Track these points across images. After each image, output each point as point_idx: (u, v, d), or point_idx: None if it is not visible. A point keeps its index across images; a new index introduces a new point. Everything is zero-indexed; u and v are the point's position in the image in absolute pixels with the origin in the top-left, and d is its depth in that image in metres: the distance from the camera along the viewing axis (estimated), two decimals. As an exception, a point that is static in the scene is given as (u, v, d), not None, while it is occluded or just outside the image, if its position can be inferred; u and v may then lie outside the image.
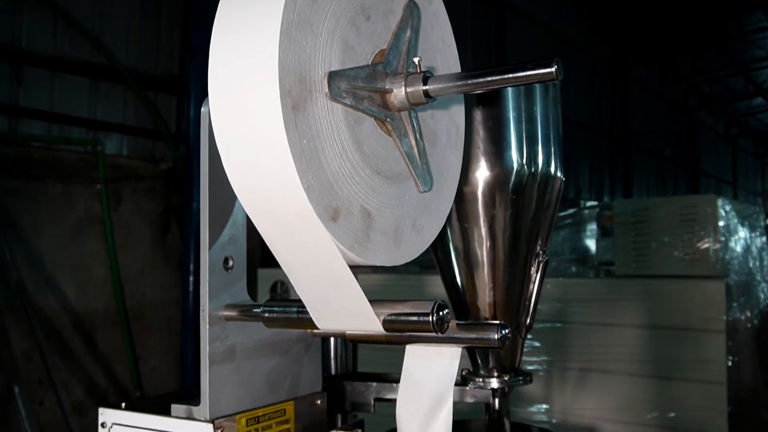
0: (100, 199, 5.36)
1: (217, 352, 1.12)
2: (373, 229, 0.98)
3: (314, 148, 0.88)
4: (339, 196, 0.92)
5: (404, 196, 1.02)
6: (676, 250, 3.02)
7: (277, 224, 0.92)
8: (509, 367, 1.40)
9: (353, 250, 0.94)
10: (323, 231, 0.88)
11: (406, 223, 1.04)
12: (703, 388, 2.85)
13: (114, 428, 1.20)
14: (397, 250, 1.03)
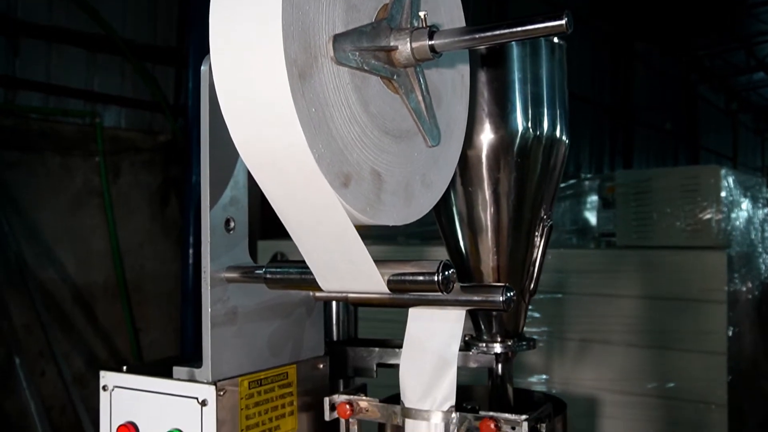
0: (98, 172, 5.33)
1: (219, 315, 1.10)
2: (383, 191, 0.97)
3: (322, 115, 0.87)
4: (349, 161, 0.91)
5: (413, 153, 1.01)
6: (678, 221, 3.01)
7: (286, 190, 0.91)
8: (512, 333, 1.39)
9: (365, 213, 0.93)
10: (333, 198, 0.87)
11: (416, 179, 1.03)
12: (703, 358, 2.85)
13: (115, 391, 1.19)
14: (408, 208, 1.01)
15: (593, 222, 3.88)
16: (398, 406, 1.20)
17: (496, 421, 1.12)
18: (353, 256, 0.95)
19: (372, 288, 0.97)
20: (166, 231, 5.81)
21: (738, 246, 3.03)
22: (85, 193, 5.35)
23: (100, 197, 5.36)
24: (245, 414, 1.14)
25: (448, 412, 1.15)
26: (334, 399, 1.24)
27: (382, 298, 1.22)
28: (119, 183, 5.57)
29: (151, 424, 1.15)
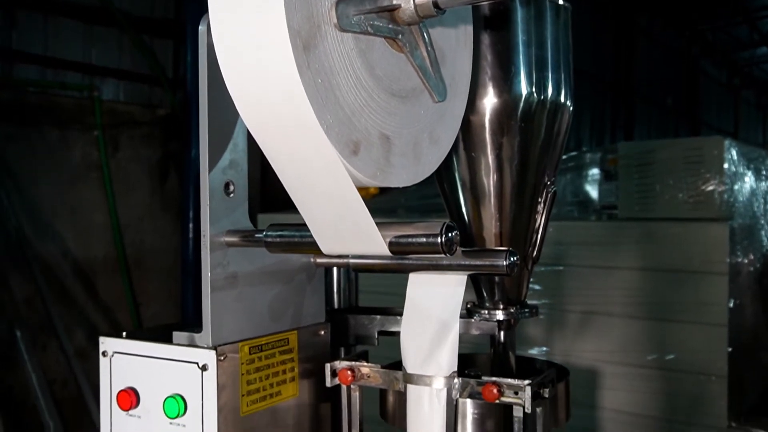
0: (97, 146, 5.30)
1: (219, 279, 1.09)
2: (393, 153, 0.95)
3: (329, 84, 0.85)
4: (357, 127, 0.90)
5: (420, 111, 0.99)
6: (681, 193, 2.99)
7: (291, 158, 0.90)
8: (515, 300, 1.38)
9: (376, 178, 0.93)
10: (340, 165, 0.86)
11: (424, 137, 1.01)
12: (704, 330, 2.85)
13: (115, 357, 1.18)
14: (417, 166, 1.00)
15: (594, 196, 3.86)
16: (400, 372, 1.19)
17: (498, 386, 1.11)
18: (355, 218, 0.94)
19: (373, 250, 0.96)
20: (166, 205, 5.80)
21: (740, 218, 3.01)
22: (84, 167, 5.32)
23: (99, 171, 5.34)
24: (246, 379, 1.13)
25: (450, 377, 1.14)
26: (335, 365, 1.24)
27: (383, 264, 1.21)
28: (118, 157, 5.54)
29: (152, 389, 1.14)
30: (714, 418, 2.85)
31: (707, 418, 2.86)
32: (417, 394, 1.16)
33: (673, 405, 2.94)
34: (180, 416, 1.10)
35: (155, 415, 1.13)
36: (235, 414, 1.11)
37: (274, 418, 1.21)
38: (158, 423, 1.13)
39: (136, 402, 1.15)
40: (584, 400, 3.09)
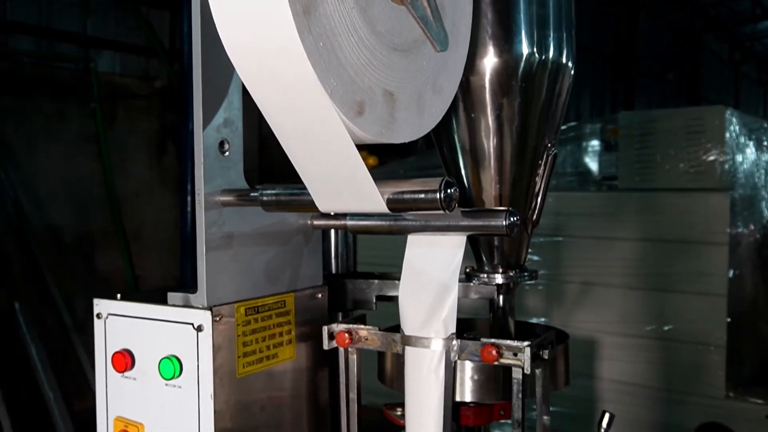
0: (94, 118, 5.26)
1: (214, 239, 1.08)
2: (397, 109, 0.94)
3: (330, 47, 0.83)
4: (361, 87, 0.88)
5: (422, 63, 0.97)
6: (682, 163, 2.97)
7: (292, 119, 0.88)
8: (514, 264, 1.36)
9: (381, 136, 0.92)
10: (341, 125, 0.84)
11: (427, 88, 0.99)
12: (703, 300, 2.84)
13: (110, 319, 1.17)
14: (422, 119, 0.99)
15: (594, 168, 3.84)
16: (398, 335, 1.18)
17: (497, 347, 1.10)
18: (353, 175, 0.92)
19: (371, 207, 0.94)
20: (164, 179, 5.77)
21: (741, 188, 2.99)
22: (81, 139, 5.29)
23: (96, 144, 5.31)
24: (242, 341, 1.12)
25: (449, 339, 1.13)
26: (332, 328, 1.22)
27: (380, 226, 1.19)
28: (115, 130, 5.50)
29: (147, 351, 1.13)
30: (712, 388, 2.85)
31: (705, 388, 2.86)
32: (415, 357, 1.14)
33: (672, 375, 2.94)
34: (175, 377, 1.09)
35: (150, 377, 1.12)
36: (231, 375, 1.10)
37: (271, 380, 1.20)
38: (154, 384, 1.12)
39: (131, 364, 1.14)
40: (583, 371, 3.10)
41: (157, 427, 1.13)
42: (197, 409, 1.08)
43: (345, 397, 1.25)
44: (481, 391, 1.19)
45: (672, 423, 2.92)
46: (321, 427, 1.34)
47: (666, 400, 2.93)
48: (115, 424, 1.17)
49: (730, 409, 2.80)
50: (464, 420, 1.29)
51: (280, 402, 1.23)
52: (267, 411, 1.19)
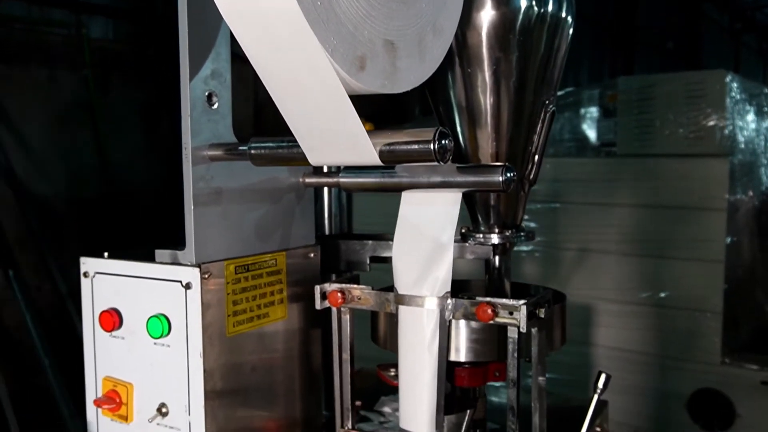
0: (87, 85, 5.19)
1: (202, 194, 1.05)
2: (398, 57, 0.91)
3: (328, 4, 0.79)
4: (361, 41, 0.85)
5: (421, 6, 0.94)
6: (681, 128, 2.93)
7: (285, 74, 0.85)
8: (510, 224, 1.34)
9: (384, 87, 0.89)
10: (336, 79, 0.81)
11: (427, 31, 0.96)
12: (700, 266, 2.83)
13: (96, 277, 1.15)
14: (423, 64, 0.96)
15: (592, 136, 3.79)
16: (392, 293, 1.16)
17: (493, 306, 1.08)
18: (346, 126, 0.88)
19: (363, 159, 0.91)
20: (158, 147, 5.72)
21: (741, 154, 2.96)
22: (74, 106, 5.22)
23: (89, 111, 5.24)
24: (232, 299, 1.09)
25: (444, 297, 1.11)
26: (324, 287, 1.20)
27: (374, 183, 1.17)
28: (108, 97, 5.43)
29: (135, 309, 1.11)
30: (707, 354, 2.85)
31: (701, 355, 2.86)
32: (409, 316, 1.12)
33: (668, 342, 2.94)
34: (164, 336, 1.06)
35: (139, 336, 1.10)
36: (221, 334, 1.08)
37: (262, 340, 1.18)
38: (142, 344, 1.10)
39: (118, 323, 1.12)
40: (579, 338, 3.09)
41: (147, 387, 1.11)
42: (186, 369, 1.06)
43: (338, 358, 1.23)
44: (475, 351, 1.17)
45: (667, 389, 2.92)
46: (314, 389, 1.33)
47: (661, 367, 2.93)
48: (103, 384, 1.15)
49: (726, 375, 2.80)
50: (459, 381, 1.27)
51: (271, 363, 1.21)
52: (258, 372, 1.17)
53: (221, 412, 1.09)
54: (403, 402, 1.13)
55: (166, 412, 1.09)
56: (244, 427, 1.14)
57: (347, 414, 1.25)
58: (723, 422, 2.82)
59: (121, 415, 1.13)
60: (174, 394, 1.08)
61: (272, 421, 1.22)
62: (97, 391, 1.17)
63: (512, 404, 1.09)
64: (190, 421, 1.07)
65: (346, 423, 1.25)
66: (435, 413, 1.10)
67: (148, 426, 1.10)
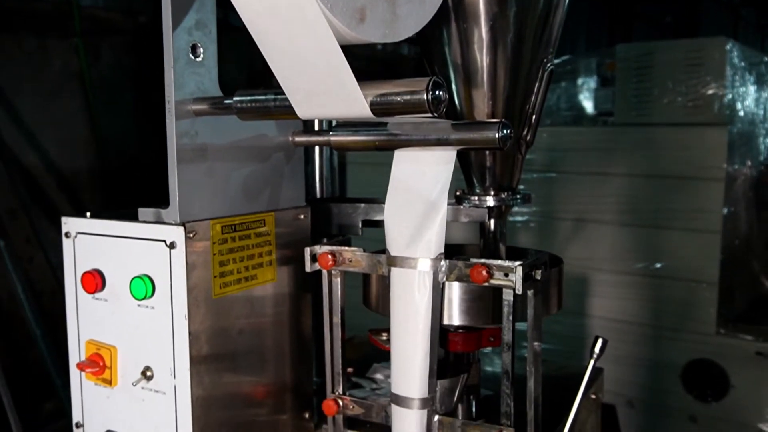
0: (77, 54, 5.11)
1: (186, 150, 1.01)
2: (398, 4, 0.87)
3: None
4: None
5: None
6: (680, 97, 2.89)
7: (276, 25, 0.81)
8: (506, 187, 1.30)
9: (386, 37, 0.85)
10: (327, 29, 0.77)
11: None
12: (697, 237, 2.80)
13: (78, 238, 1.11)
14: (423, 8, 0.92)
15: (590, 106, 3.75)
16: (383, 255, 1.12)
17: (488, 267, 1.04)
18: (336, 76, 0.84)
19: (353, 111, 0.87)
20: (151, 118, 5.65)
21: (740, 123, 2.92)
22: (65, 76, 5.14)
23: (80, 80, 5.16)
24: (218, 260, 1.06)
25: (437, 259, 1.07)
26: (315, 249, 1.17)
27: (365, 141, 1.13)
28: (100, 66, 5.35)
29: (118, 270, 1.07)
30: (703, 324, 2.84)
31: (696, 325, 2.85)
32: (401, 278, 1.09)
33: (663, 312, 2.92)
34: (147, 298, 1.03)
35: (122, 298, 1.07)
36: (207, 296, 1.04)
37: (251, 304, 1.14)
38: (125, 305, 1.06)
39: (101, 285, 1.08)
40: (574, 308, 3.07)
41: (130, 350, 1.08)
42: (171, 331, 1.02)
43: (329, 322, 1.20)
44: (470, 315, 1.14)
45: (662, 360, 2.91)
46: (304, 355, 1.30)
47: (656, 337, 2.92)
48: (87, 348, 1.12)
49: (721, 345, 2.79)
50: (452, 346, 1.24)
51: (260, 327, 1.18)
52: (246, 336, 1.14)
53: (207, 377, 1.06)
54: (395, 366, 1.10)
55: (151, 375, 1.06)
56: (232, 392, 1.12)
57: (338, 379, 1.22)
58: (717, 393, 2.82)
59: (104, 379, 1.10)
60: (159, 358, 1.04)
61: (261, 386, 1.19)
62: (80, 355, 1.14)
63: (507, 368, 1.06)
64: (175, 384, 1.04)
65: (337, 388, 1.22)
66: (427, 377, 1.08)
67: (133, 390, 1.07)
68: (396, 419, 1.12)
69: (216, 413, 1.08)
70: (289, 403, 1.26)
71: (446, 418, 1.12)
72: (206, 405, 1.06)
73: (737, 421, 2.77)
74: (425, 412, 1.09)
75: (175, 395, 1.04)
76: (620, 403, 2.99)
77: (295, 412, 1.28)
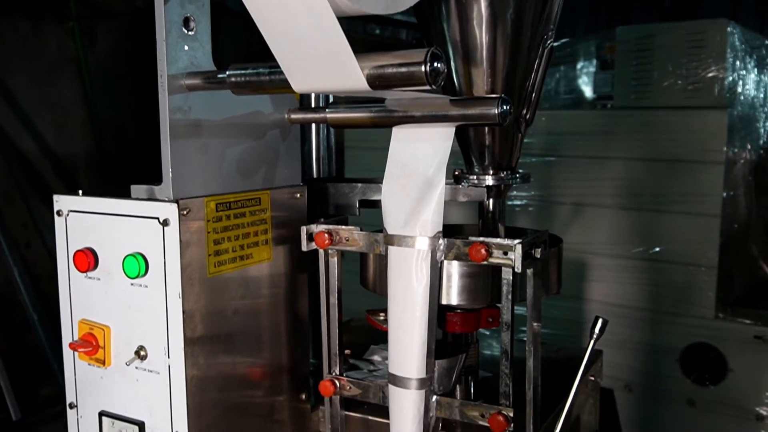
0: (73, 37, 5.07)
1: (179, 126, 0.99)
2: None
3: None
4: None
5: None
6: (680, 80, 2.86)
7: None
8: (505, 166, 1.29)
9: (389, 9, 0.84)
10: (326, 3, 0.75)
11: None
12: (696, 220, 2.79)
13: (71, 216, 1.09)
14: None
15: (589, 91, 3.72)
16: (381, 234, 1.11)
17: (486, 246, 1.03)
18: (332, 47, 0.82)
19: (349, 84, 0.85)
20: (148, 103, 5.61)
21: (740, 107, 2.90)
22: (61, 59, 5.10)
23: (76, 64, 5.13)
24: (213, 238, 1.04)
25: (435, 237, 1.06)
26: (311, 228, 1.15)
27: (362, 117, 1.11)
28: (96, 50, 5.31)
29: (110, 248, 1.05)
30: (701, 308, 2.83)
31: (694, 309, 2.84)
32: (399, 257, 1.07)
33: (661, 296, 2.91)
34: (141, 276, 1.01)
35: (115, 276, 1.05)
36: (202, 275, 1.03)
37: (246, 284, 1.13)
38: (118, 284, 1.05)
39: (94, 263, 1.06)
40: (572, 293, 3.06)
41: (124, 330, 1.06)
42: (165, 310, 1.01)
43: (325, 302, 1.19)
44: (468, 294, 1.13)
45: (660, 344, 2.90)
46: (300, 337, 1.28)
47: (654, 321, 2.91)
48: (79, 327, 1.10)
49: (719, 329, 2.78)
50: (450, 327, 1.23)
51: (256, 308, 1.16)
52: (242, 316, 1.12)
53: (202, 357, 1.04)
54: (393, 346, 1.09)
55: (145, 355, 1.04)
56: (228, 372, 1.10)
57: (335, 360, 1.21)
58: (715, 376, 2.81)
59: (98, 359, 1.09)
60: (152, 337, 1.03)
61: (257, 367, 1.18)
62: (73, 335, 1.12)
63: (506, 348, 1.05)
64: (169, 364, 1.02)
65: (334, 369, 1.21)
66: (425, 357, 1.06)
67: (127, 370, 1.06)
68: (393, 399, 1.10)
69: (211, 394, 1.06)
70: (286, 384, 1.25)
71: (444, 399, 1.11)
72: (201, 385, 1.04)
73: (735, 404, 2.77)
74: (423, 393, 1.08)
75: (169, 375, 1.03)
76: (618, 388, 2.98)
77: (292, 394, 1.26)
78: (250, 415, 1.16)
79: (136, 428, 1.07)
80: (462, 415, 1.09)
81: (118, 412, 1.09)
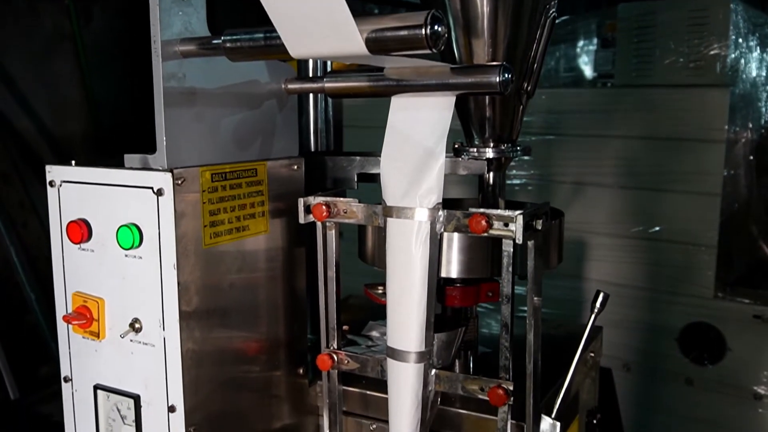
0: (68, 15, 5.01)
1: (174, 93, 0.96)
2: None
3: None
4: None
5: None
6: (682, 57, 2.83)
7: None
8: (506, 138, 1.27)
9: None
10: None
11: None
12: (696, 199, 2.77)
13: (63, 186, 1.07)
14: None
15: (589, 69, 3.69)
16: (379, 206, 1.09)
17: (487, 217, 1.01)
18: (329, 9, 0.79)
19: (347, 48, 0.82)
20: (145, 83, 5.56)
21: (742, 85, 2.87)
22: (56, 38, 5.05)
23: (72, 43, 5.08)
24: (208, 209, 1.02)
25: (435, 209, 1.04)
26: (309, 200, 1.13)
27: (361, 87, 1.09)
28: (92, 28, 5.25)
29: (104, 219, 1.03)
30: (701, 288, 2.82)
31: (694, 289, 2.83)
32: (398, 229, 1.05)
33: (661, 275, 2.90)
34: (135, 247, 0.99)
35: (109, 248, 1.03)
36: (197, 246, 1.01)
37: (243, 257, 1.11)
38: (112, 256, 1.03)
39: (87, 234, 1.05)
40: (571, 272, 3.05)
41: (118, 302, 1.05)
42: (160, 282, 0.99)
43: (323, 276, 1.17)
44: (468, 267, 1.11)
45: (659, 323, 2.89)
46: (298, 311, 1.27)
47: (653, 301, 2.90)
48: (73, 300, 1.09)
49: (718, 309, 2.77)
50: (450, 301, 1.22)
51: (253, 281, 1.14)
52: (238, 289, 1.11)
53: (198, 330, 1.03)
54: (391, 319, 1.08)
55: (140, 327, 1.03)
56: (224, 346, 1.09)
57: (333, 334, 1.19)
58: (714, 356, 2.81)
59: (92, 332, 1.07)
60: (147, 309, 1.01)
61: (254, 341, 1.16)
62: (67, 307, 1.10)
63: (506, 321, 1.03)
64: (164, 336, 1.01)
65: (332, 343, 1.19)
66: (424, 330, 1.05)
67: (121, 342, 1.05)
68: (392, 373, 1.09)
69: (207, 367, 1.05)
70: (283, 359, 1.23)
71: (444, 372, 1.09)
72: (197, 359, 1.03)
73: (733, 384, 2.77)
74: (422, 366, 1.06)
75: (164, 348, 1.01)
76: (617, 367, 2.98)
77: (289, 368, 1.25)
78: (246, 390, 1.15)
79: (131, 401, 1.06)
80: (461, 389, 1.08)
81: (113, 385, 1.08)
